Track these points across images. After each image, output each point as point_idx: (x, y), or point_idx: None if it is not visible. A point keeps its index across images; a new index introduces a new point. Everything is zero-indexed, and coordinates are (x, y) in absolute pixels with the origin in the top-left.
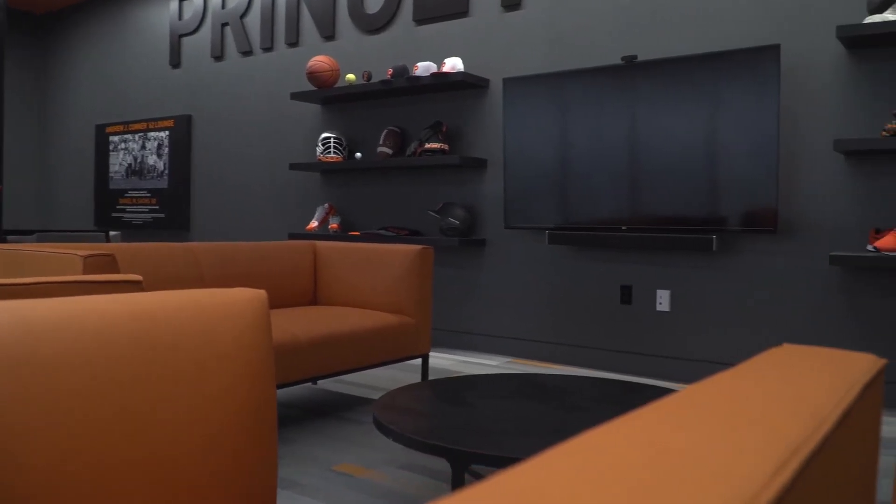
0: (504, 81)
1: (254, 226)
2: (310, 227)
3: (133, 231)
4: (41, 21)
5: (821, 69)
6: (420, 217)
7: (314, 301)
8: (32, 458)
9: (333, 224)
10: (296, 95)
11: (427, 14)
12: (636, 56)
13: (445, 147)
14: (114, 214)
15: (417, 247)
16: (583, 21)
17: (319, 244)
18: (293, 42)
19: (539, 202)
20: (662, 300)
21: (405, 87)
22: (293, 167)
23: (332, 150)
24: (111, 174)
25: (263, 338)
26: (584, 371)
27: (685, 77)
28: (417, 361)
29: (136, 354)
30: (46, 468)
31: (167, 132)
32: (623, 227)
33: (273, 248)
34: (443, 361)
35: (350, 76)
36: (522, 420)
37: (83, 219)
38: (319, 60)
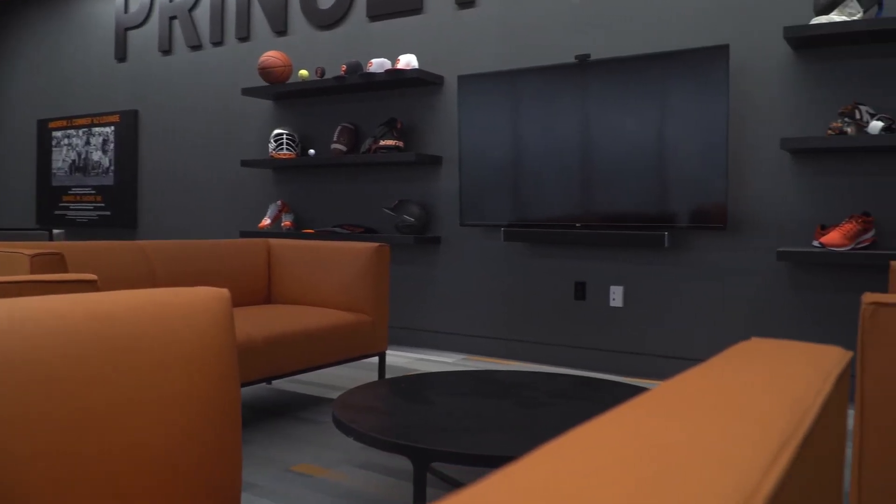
0: (459, 79)
1: (204, 224)
2: (262, 225)
3: (77, 229)
4: None
5: (769, 69)
6: (375, 214)
7: (269, 300)
8: None
9: (286, 222)
10: (247, 91)
11: (381, 10)
12: (590, 55)
13: (400, 144)
14: (57, 212)
15: (374, 244)
16: (537, 19)
17: (273, 242)
18: (244, 37)
19: (494, 199)
20: (616, 296)
21: (359, 84)
22: (245, 164)
23: (285, 147)
24: (54, 171)
25: (227, 337)
26: (540, 367)
27: (637, 76)
28: (374, 360)
29: (96, 356)
30: (1, 470)
31: (112, 127)
32: (577, 224)
33: (226, 247)
34: (399, 359)
35: (303, 72)
36: (482, 416)
37: (24, 217)
38: (271, 56)
